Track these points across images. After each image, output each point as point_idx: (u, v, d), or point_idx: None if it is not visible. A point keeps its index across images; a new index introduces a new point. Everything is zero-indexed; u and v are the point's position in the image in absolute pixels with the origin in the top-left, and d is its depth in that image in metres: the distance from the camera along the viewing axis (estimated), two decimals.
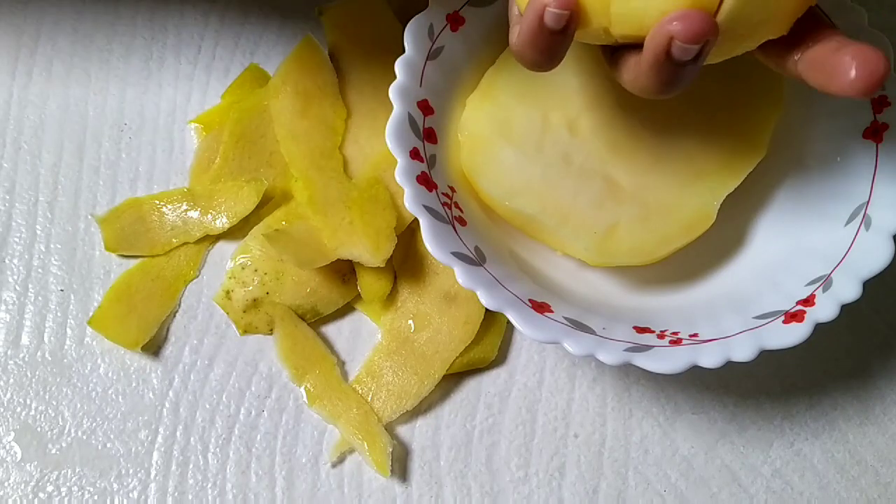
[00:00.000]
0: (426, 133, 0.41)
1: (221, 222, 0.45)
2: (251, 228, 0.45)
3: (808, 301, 0.38)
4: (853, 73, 0.29)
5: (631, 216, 0.41)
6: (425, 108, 0.41)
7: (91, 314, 0.44)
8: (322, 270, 0.44)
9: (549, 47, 0.32)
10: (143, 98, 0.48)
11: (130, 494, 0.42)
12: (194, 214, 0.45)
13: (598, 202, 0.41)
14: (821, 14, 0.33)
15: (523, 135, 0.42)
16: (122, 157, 0.47)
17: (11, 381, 0.44)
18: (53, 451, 0.43)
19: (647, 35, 0.30)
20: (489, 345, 0.44)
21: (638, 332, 0.39)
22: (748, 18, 0.30)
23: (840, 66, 0.29)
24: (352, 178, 0.46)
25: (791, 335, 0.37)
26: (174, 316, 0.45)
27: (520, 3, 0.34)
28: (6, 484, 0.42)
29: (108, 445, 0.43)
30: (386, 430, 0.42)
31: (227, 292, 0.45)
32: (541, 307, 0.38)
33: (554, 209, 0.40)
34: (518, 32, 0.32)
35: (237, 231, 0.45)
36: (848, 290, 0.37)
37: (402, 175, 0.39)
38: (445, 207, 0.40)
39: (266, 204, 0.46)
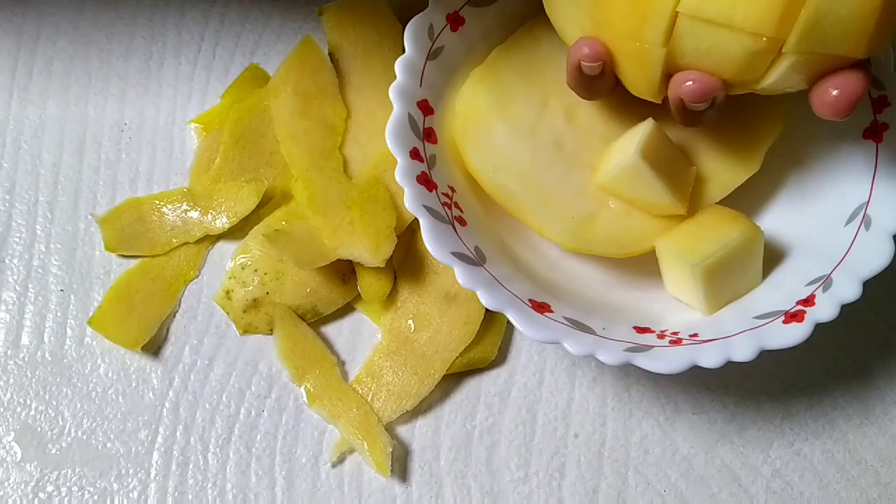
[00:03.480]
0: (426, 133, 0.41)
1: (221, 222, 0.45)
2: (251, 228, 0.45)
3: (808, 301, 0.38)
4: (833, 94, 0.34)
5: (612, 208, 0.41)
6: (425, 108, 0.41)
7: (91, 314, 0.44)
8: (322, 270, 0.44)
9: (592, 87, 0.38)
10: (143, 98, 0.48)
11: (130, 494, 0.42)
12: (194, 214, 0.45)
13: (582, 191, 0.41)
14: None
15: (520, 113, 0.42)
16: (122, 157, 0.47)
17: (11, 381, 0.44)
18: (53, 451, 0.43)
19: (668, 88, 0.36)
20: (489, 345, 0.44)
21: (638, 332, 0.39)
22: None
23: (826, 93, 0.34)
24: (352, 178, 0.46)
25: (791, 335, 0.37)
26: (174, 316, 0.45)
27: (564, 39, 0.38)
28: (6, 484, 0.42)
29: (108, 445, 0.43)
30: (386, 430, 0.42)
31: (227, 292, 0.45)
32: (541, 307, 0.38)
33: (536, 190, 0.41)
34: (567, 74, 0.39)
35: (237, 231, 0.45)
36: (848, 290, 0.37)
37: (402, 175, 0.39)
38: (445, 207, 0.40)
39: (266, 204, 0.46)
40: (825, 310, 0.37)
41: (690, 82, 0.35)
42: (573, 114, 0.42)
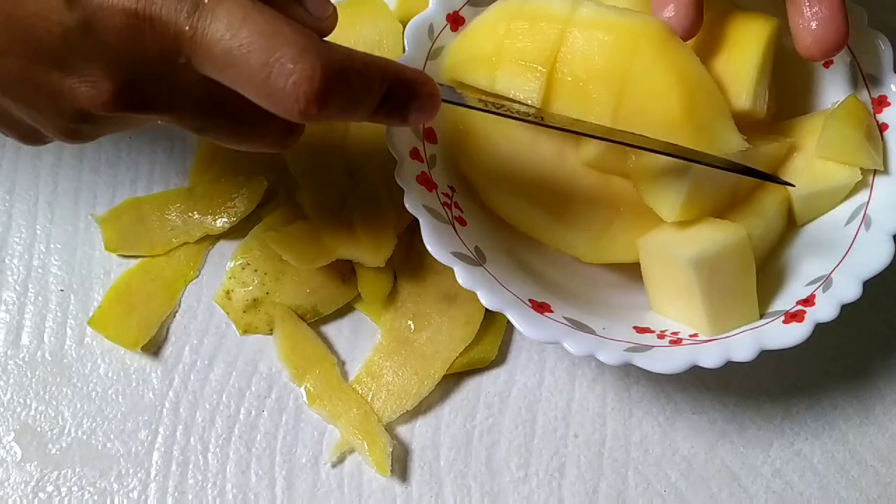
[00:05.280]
0: (426, 133, 0.41)
1: (221, 222, 0.45)
2: (251, 228, 0.45)
3: (808, 301, 0.38)
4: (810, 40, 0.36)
5: (625, 214, 0.40)
6: None
7: (91, 314, 0.44)
8: (322, 270, 0.44)
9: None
10: None
11: (130, 494, 0.42)
12: (194, 214, 0.45)
13: (593, 199, 0.41)
14: None
15: (519, 129, 0.41)
16: (122, 157, 0.47)
17: (11, 381, 0.44)
18: (53, 451, 0.43)
19: None
20: (489, 345, 0.44)
21: (638, 332, 0.39)
22: None
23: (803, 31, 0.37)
24: (352, 178, 0.46)
25: (791, 335, 0.37)
26: (174, 316, 0.45)
27: None
28: (6, 484, 0.42)
29: (108, 445, 0.43)
30: (386, 430, 0.42)
31: (227, 292, 0.45)
32: (541, 307, 0.38)
33: (549, 205, 0.40)
34: None
35: (237, 231, 0.45)
36: (848, 290, 0.37)
37: (402, 175, 0.39)
38: (445, 207, 0.40)
39: (266, 204, 0.46)
40: (825, 310, 0.37)
41: None
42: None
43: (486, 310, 0.43)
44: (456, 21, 0.42)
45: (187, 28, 0.28)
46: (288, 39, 0.28)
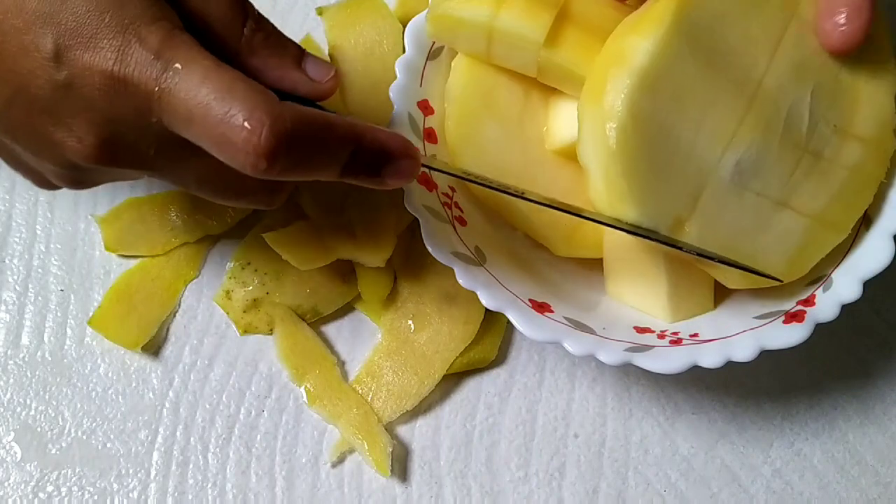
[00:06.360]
0: (426, 133, 0.41)
1: (221, 222, 0.45)
2: (251, 228, 0.45)
3: (808, 301, 0.38)
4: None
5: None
6: (425, 108, 0.41)
7: (91, 314, 0.44)
8: (322, 270, 0.44)
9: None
10: None
11: (130, 494, 0.42)
12: (194, 214, 0.45)
13: (571, 192, 0.40)
14: None
15: (506, 107, 0.41)
16: None
17: (11, 381, 0.44)
18: (53, 451, 0.43)
19: None
20: (489, 345, 0.44)
21: (638, 332, 0.39)
22: None
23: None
24: None
25: (791, 335, 0.37)
26: (174, 316, 0.45)
27: None
28: (6, 484, 0.42)
29: (108, 445, 0.43)
30: (386, 430, 0.42)
31: (227, 292, 0.45)
32: (541, 307, 0.38)
33: (529, 194, 0.40)
34: None
35: (237, 231, 0.45)
36: (848, 290, 0.37)
37: None
38: (445, 207, 0.40)
39: None
40: (825, 310, 0.37)
41: None
42: (553, 104, 0.41)
43: (486, 310, 0.43)
44: None
45: (156, 89, 0.29)
46: (241, 96, 0.29)
